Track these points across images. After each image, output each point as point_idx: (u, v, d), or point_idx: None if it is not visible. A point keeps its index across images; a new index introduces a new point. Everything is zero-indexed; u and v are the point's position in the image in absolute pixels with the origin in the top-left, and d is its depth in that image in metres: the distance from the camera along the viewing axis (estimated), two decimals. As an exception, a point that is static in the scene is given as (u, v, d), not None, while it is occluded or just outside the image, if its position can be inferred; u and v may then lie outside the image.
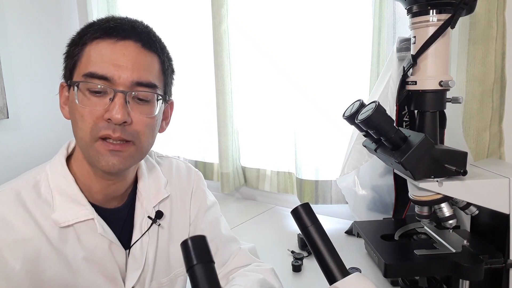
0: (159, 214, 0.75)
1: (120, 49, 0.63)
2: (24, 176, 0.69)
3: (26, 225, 0.63)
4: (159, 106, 0.68)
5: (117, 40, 0.63)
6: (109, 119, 0.61)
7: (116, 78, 0.62)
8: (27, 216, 0.64)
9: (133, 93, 0.63)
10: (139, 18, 0.70)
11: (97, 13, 1.83)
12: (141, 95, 0.64)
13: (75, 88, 0.63)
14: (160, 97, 0.67)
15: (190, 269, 0.42)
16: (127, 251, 0.72)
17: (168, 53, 0.72)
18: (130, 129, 0.63)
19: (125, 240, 0.72)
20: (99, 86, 0.62)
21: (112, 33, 0.64)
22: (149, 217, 0.74)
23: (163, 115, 0.73)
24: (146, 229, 0.74)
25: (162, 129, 0.75)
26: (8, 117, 1.69)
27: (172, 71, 0.74)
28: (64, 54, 0.69)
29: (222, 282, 0.71)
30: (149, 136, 0.67)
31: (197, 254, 0.42)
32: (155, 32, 0.70)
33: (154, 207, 0.76)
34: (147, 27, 0.69)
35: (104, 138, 0.62)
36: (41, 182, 0.68)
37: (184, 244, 0.43)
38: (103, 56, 0.62)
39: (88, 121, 0.62)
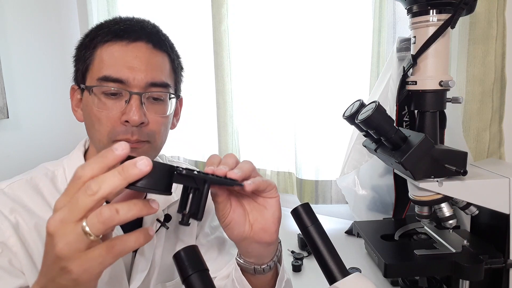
0: (167, 218, 0.75)
1: (132, 51, 0.64)
2: (41, 169, 0.71)
3: (45, 213, 0.65)
4: (172, 105, 0.70)
5: (129, 42, 0.64)
6: (126, 121, 0.62)
7: (131, 80, 0.63)
8: (45, 204, 0.66)
9: (148, 94, 0.65)
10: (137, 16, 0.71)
11: (97, 13, 1.83)
12: (156, 95, 0.66)
13: (90, 92, 0.64)
14: (173, 96, 0.69)
15: (186, 279, 0.42)
16: (134, 252, 0.72)
17: (176, 51, 0.73)
18: (146, 130, 0.65)
19: None
20: (114, 89, 0.63)
21: (123, 35, 0.65)
22: (158, 220, 0.74)
23: (174, 112, 0.75)
24: (154, 231, 0.74)
25: (173, 126, 0.77)
26: (8, 117, 1.69)
27: (181, 68, 0.76)
28: (73, 57, 0.70)
29: (221, 283, 0.71)
30: (163, 134, 0.69)
31: (191, 264, 0.42)
32: (162, 31, 0.71)
33: (163, 210, 0.76)
34: (155, 26, 0.70)
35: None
36: (58, 176, 0.70)
37: (177, 256, 0.43)
38: (116, 59, 0.63)
39: (106, 125, 0.63)
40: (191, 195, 0.45)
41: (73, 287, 0.39)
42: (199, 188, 0.44)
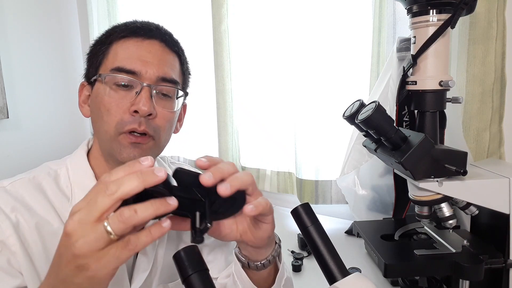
0: None
1: (146, 47, 0.67)
2: (44, 168, 0.71)
3: (47, 212, 0.65)
4: (179, 104, 0.72)
5: (144, 38, 0.68)
6: (135, 111, 0.64)
7: (143, 72, 0.65)
8: (47, 203, 0.66)
9: (158, 87, 0.67)
10: (139, 18, 0.73)
11: (97, 13, 1.83)
12: (165, 90, 0.68)
13: (103, 81, 0.66)
14: (181, 94, 0.71)
15: (186, 279, 0.42)
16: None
17: (186, 57, 0.76)
18: (153, 123, 0.66)
19: None
20: (126, 80, 0.65)
21: (139, 32, 0.68)
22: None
23: (178, 117, 0.76)
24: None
25: (176, 130, 0.78)
26: (8, 117, 1.69)
27: (189, 74, 0.78)
28: (87, 54, 0.72)
29: (223, 281, 0.71)
30: (167, 132, 0.70)
31: (191, 264, 0.42)
32: (174, 36, 0.74)
33: None
34: (169, 31, 0.74)
35: (129, 132, 0.65)
36: (61, 175, 0.70)
37: (176, 256, 0.43)
38: (130, 53, 0.66)
39: (114, 115, 0.65)
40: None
41: (88, 285, 0.42)
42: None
